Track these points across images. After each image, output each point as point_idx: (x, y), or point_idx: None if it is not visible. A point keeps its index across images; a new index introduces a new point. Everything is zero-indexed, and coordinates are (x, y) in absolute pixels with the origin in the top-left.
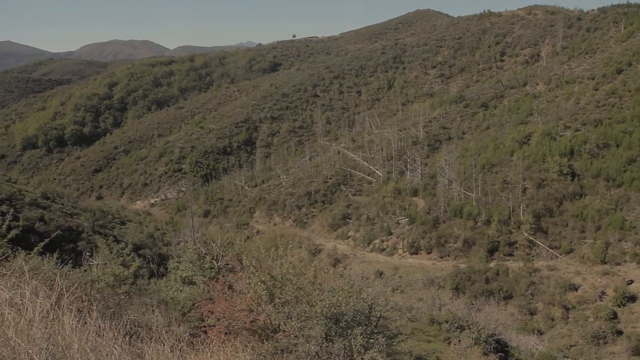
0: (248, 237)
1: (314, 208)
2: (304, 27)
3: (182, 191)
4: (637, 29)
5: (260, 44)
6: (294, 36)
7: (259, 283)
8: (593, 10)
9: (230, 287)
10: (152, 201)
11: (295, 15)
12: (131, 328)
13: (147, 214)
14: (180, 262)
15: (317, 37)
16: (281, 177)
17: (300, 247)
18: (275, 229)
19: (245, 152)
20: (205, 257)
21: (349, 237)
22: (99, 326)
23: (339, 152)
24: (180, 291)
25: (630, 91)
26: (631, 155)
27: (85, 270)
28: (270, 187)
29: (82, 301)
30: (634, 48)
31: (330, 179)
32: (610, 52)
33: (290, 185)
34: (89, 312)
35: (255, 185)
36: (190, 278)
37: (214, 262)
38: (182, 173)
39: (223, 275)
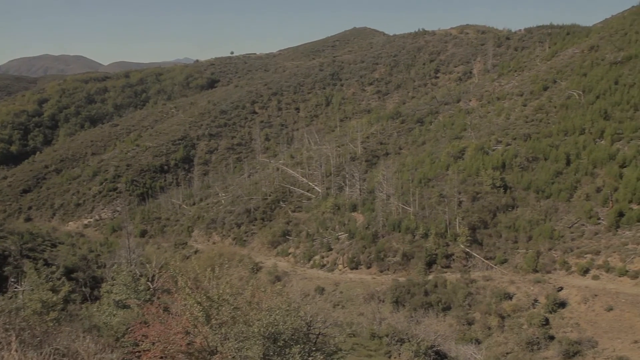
0: (186, 257)
1: (254, 225)
2: (242, 43)
3: (118, 211)
4: (560, 49)
5: (197, 61)
6: (232, 53)
7: (195, 304)
8: (520, 30)
9: (166, 309)
10: (86, 222)
11: (233, 32)
12: (55, 358)
13: (80, 235)
14: (113, 285)
15: (255, 53)
16: (220, 194)
17: (240, 265)
18: (215, 247)
19: (183, 169)
20: (140, 279)
21: (290, 254)
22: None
23: (278, 169)
24: (114, 315)
25: (555, 107)
26: (558, 167)
27: (10, 298)
28: (209, 205)
29: (6, 330)
30: (558, 66)
31: (270, 195)
32: (536, 70)
33: (229, 202)
34: (7, 344)
35: (194, 204)
36: (124, 301)
37: (149, 284)
38: (117, 192)
39: (158, 297)
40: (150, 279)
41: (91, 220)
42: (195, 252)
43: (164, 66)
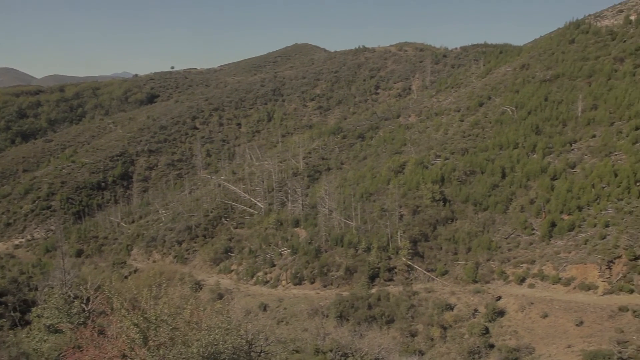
0: (125, 277)
1: (195, 243)
2: (183, 58)
3: (52, 230)
4: (494, 67)
5: (136, 75)
6: (172, 67)
7: (132, 326)
8: (456, 48)
9: (101, 332)
10: (17, 242)
11: (173, 46)
12: None
13: (10, 256)
14: (44, 309)
15: (196, 68)
16: (160, 212)
17: (181, 284)
18: (155, 266)
19: (122, 186)
20: (74, 302)
21: (232, 270)
22: None
23: (219, 185)
24: (44, 341)
25: (490, 122)
26: (494, 180)
27: None
28: (149, 223)
29: None
30: (492, 83)
31: (211, 212)
32: (472, 86)
33: (170, 220)
34: None
35: (133, 221)
36: (56, 326)
37: (84, 307)
38: (51, 211)
39: (93, 320)
40: (84, 301)
41: (22, 240)
42: (135, 271)
43: (101, 80)
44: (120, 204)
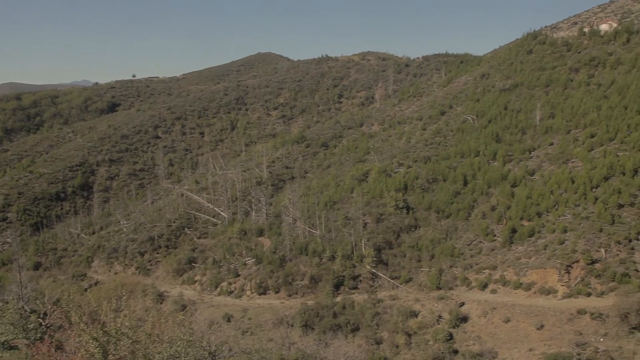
0: (85, 289)
1: (158, 253)
2: (144, 66)
3: (8, 242)
4: (455, 76)
5: (97, 83)
6: (134, 76)
7: (91, 340)
8: (418, 58)
9: (59, 347)
10: None
11: (134, 55)
12: None
13: None
14: None
15: (158, 77)
16: (121, 222)
17: (143, 296)
18: (116, 278)
19: (82, 197)
20: (30, 317)
21: (196, 281)
22: None
23: (182, 195)
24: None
25: (452, 131)
26: (456, 188)
27: None
28: (110, 234)
29: None
30: (453, 92)
31: (174, 222)
32: (434, 95)
33: (132, 230)
34: None
35: (93, 233)
36: (11, 342)
37: (41, 321)
38: (7, 222)
39: (50, 335)
40: (42, 316)
41: None
42: (95, 283)
43: (60, 89)
44: (81, 215)
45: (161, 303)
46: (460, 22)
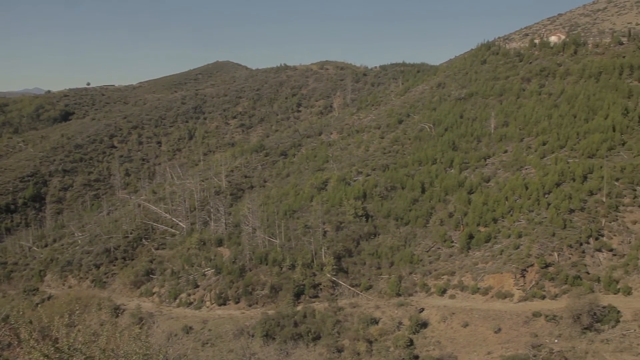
0: (37, 305)
1: (114, 266)
2: (99, 74)
3: None
4: (412, 85)
5: (49, 91)
6: (89, 84)
7: (42, 357)
8: (376, 67)
9: None
10: None
11: (89, 62)
12: None
13: None
14: None
15: (113, 85)
16: (76, 234)
17: (99, 309)
18: (71, 292)
19: (33, 209)
20: None
21: (154, 293)
22: None
23: (139, 205)
24: None
25: (410, 139)
26: (414, 195)
27: None
28: (64, 246)
29: None
30: (411, 101)
31: (131, 233)
32: (392, 104)
33: (87, 242)
34: None
35: (46, 245)
36: None
37: None
38: None
39: None
40: None
41: None
42: (48, 298)
43: (9, 96)
44: (32, 227)
45: (118, 317)
46: (416, 32)
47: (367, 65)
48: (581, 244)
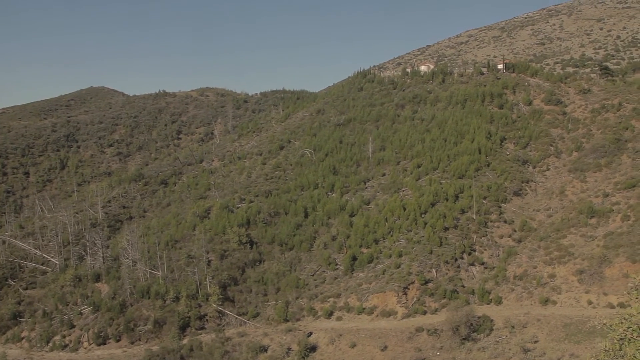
0: None
1: None
2: None
3: None
4: (292, 112)
5: None
6: None
7: None
8: (256, 94)
9: None
10: None
11: None
12: None
13: None
14: None
15: None
16: None
17: None
18: None
19: None
20: None
21: (23, 338)
22: None
23: (4, 242)
24: None
25: (291, 165)
26: (298, 220)
27: None
28: None
29: None
30: (291, 127)
31: None
32: (273, 130)
33: None
34: None
35: None
36: None
37: None
38: None
39: None
40: None
41: None
42: None
43: None
44: None
45: None
46: (294, 60)
47: (247, 92)
48: (456, 260)
